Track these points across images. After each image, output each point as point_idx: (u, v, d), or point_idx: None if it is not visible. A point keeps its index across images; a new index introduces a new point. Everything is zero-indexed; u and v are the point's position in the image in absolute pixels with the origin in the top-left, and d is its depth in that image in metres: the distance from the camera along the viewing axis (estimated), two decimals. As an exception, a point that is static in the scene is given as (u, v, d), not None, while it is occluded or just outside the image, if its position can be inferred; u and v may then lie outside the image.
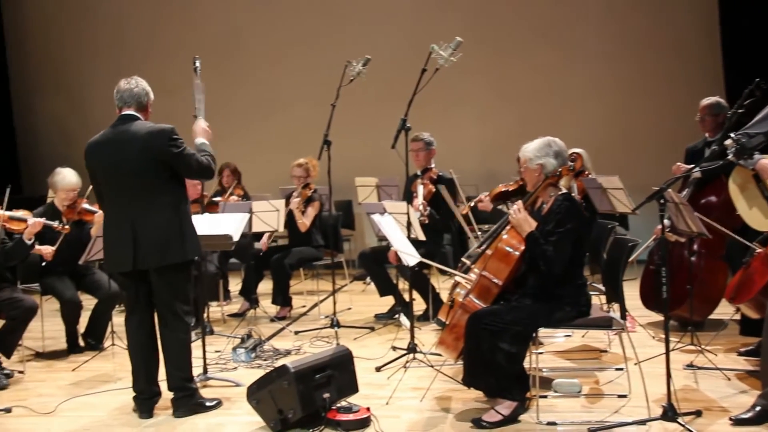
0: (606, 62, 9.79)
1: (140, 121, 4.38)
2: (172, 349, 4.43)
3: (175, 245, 4.31)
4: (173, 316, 4.40)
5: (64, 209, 5.89)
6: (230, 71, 10.15)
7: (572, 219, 4.10)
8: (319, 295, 7.62)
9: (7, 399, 4.87)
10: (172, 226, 4.31)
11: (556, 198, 4.20)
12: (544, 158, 4.22)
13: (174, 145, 4.28)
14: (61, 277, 5.89)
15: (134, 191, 4.31)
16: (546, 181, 4.23)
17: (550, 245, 4.05)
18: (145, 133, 4.29)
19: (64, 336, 6.02)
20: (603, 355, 5.44)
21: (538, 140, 4.30)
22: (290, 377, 4.03)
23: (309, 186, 7.18)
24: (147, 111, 4.47)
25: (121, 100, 4.42)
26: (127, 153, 4.27)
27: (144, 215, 4.30)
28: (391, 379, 4.94)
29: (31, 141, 10.96)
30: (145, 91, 4.45)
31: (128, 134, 4.30)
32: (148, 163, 4.26)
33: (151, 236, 4.29)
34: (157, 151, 4.26)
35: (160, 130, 4.30)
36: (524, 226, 4.15)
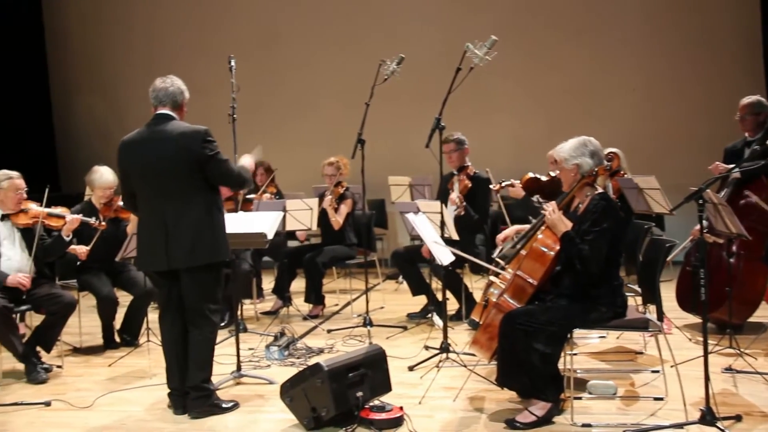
0: (640, 61, 9.66)
1: (176, 121, 4.40)
2: (195, 349, 4.45)
3: (206, 246, 4.33)
4: (200, 316, 4.42)
5: (101, 207, 5.98)
6: (264, 70, 10.21)
7: (608, 218, 4.05)
8: (352, 294, 7.63)
9: (47, 393, 4.95)
10: (204, 227, 4.33)
11: (593, 197, 4.16)
12: (580, 158, 4.18)
13: (207, 147, 4.30)
14: (98, 273, 5.97)
15: (168, 191, 4.33)
16: (582, 180, 4.19)
17: (586, 244, 4.01)
18: (180, 133, 4.31)
19: (100, 332, 6.10)
20: (638, 357, 5.37)
21: (574, 140, 4.26)
22: (324, 375, 4.04)
23: (341, 184, 7.19)
24: (182, 110, 4.48)
25: (156, 98, 4.44)
26: (162, 153, 4.29)
27: (177, 215, 4.31)
28: (423, 379, 4.93)
29: (69, 140, 11.13)
30: (180, 90, 4.46)
31: (163, 134, 4.33)
32: (183, 163, 4.28)
33: (183, 236, 4.30)
34: (192, 152, 4.27)
35: (195, 131, 4.31)
36: (559, 225, 4.11)
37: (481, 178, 6.57)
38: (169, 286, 4.47)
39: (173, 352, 4.50)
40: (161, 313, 4.55)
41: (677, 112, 9.55)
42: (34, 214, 5.42)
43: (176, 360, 4.49)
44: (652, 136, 9.40)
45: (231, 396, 4.69)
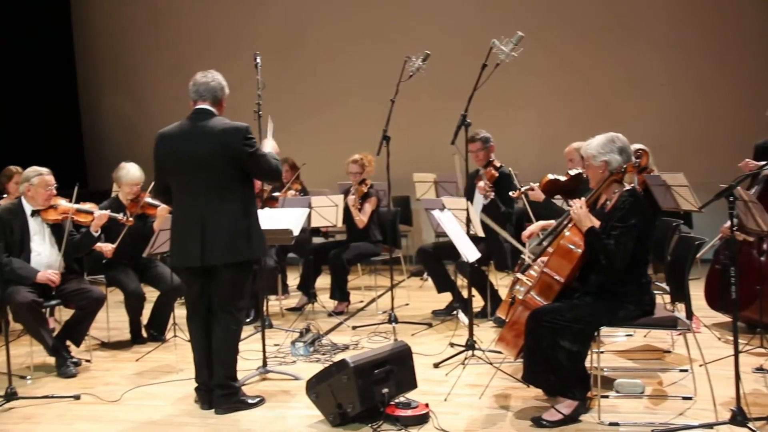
0: (668, 58, 9.56)
1: (216, 117, 4.38)
2: (220, 346, 4.46)
3: (241, 243, 4.33)
4: (228, 314, 4.43)
5: (128, 203, 6.03)
6: (289, 67, 10.24)
7: (636, 215, 4.02)
8: (377, 291, 7.64)
9: (76, 386, 5.01)
10: (240, 224, 4.33)
11: (621, 194, 4.13)
12: (608, 154, 4.15)
13: (248, 144, 4.29)
14: (125, 269, 6.02)
15: (205, 187, 4.31)
16: (610, 177, 4.15)
17: (612, 239, 3.98)
18: (221, 130, 4.29)
19: (128, 327, 6.16)
20: (666, 356, 5.33)
21: (601, 136, 4.23)
22: (350, 371, 4.05)
23: (365, 182, 7.19)
24: (221, 105, 4.46)
25: (196, 93, 4.41)
26: (201, 148, 4.28)
27: (213, 211, 4.30)
28: (449, 376, 4.93)
29: (96, 137, 11.25)
30: (221, 86, 4.44)
31: (204, 129, 4.31)
32: (222, 160, 4.27)
33: (219, 233, 4.29)
34: (232, 149, 4.26)
35: (236, 129, 4.30)
36: (585, 221, 4.09)
37: (506, 172, 6.56)
38: (200, 285, 4.47)
39: (202, 350, 4.51)
40: (189, 313, 4.55)
41: (706, 109, 9.45)
42: (64, 210, 5.49)
43: (204, 356, 4.51)
44: (679, 134, 9.32)
45: (257, 391, 4.72)
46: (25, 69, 9.57)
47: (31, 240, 5.40)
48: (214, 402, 4.49)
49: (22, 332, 5.79)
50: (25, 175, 5.47)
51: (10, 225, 5.34)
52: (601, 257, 4.00)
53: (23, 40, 9.63)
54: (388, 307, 6.39)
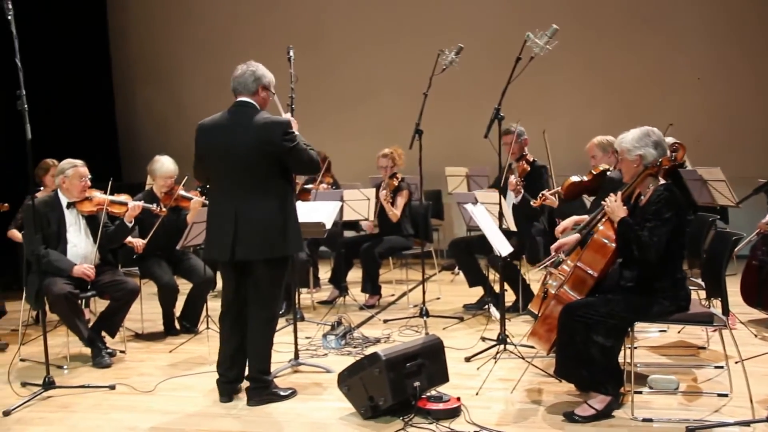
0: (709, 48, 9.43)
1: (256, 111, 4.36)
2: (253, 340, 4.48)
3: (276, 240, 4.31)
4: (262, 310, 4.45)
5: (162, 196, 6.10)
6: (322, 60, 10.27)
7: (671, 209, 3.97)
8: (408, 285, 7.65)
9: (111, 377, 5.10)
10: (276, 220, 4.31)
11: (656, 189, 4.08)
12: (643, 148, 4.11)
13: (288, 139, 4.28)
14: (159, 262, 6.09)
15: (242, 180, 4.32)
16: (645, 172, 4.11)
17: (646, 231, 3.94)
18: (261, 124, 4.29)
19: (161, 318, 6.24)
20: (701, 352, 5.28)
21: (636, 130, 4.18)
22: (382, 365, 4.06)
23: (396, 176, 7.19)
24: (258, 95, 4.41)
25: (234, 88, 4.43)
26: (240, 141, 4.28)
27: (248, 206, 4.30)
28: (480, 370, 4.93)
29: (130, 130, 11.38)
30: (253, 76, 4.40)
31: (243, 122, 4.31)
32: (260, 154, 4.26)
33: (253, 228, 4.29)
34: (271, 144, 4.26)
35: (276, 123, 4.30)
36: (618, 212, 4.06)
37: (538, 165, 6.53)
38: (236, 280, 4.49)
39: (228, 343, 4.55)
40: (223, 310, 4.57)
41: (744, 102, 9.31)
42: (98, 202, 5.57)
43: (230, 351, 4.54)
44: (717, 127, 9.19)
45: (288, 384, 4.76)
46: (60, 64, 9.70)
47: (68, 231, 5.49)
48: (247, 394, 4.53)
49: (59, 323, 5.89)
50: (60, 168, 5.56)
51: (47, 217, 5.44)
52: (634, 248, 3.96)
53: (59, 35, 9.76)
54: (420, 301, 6.40)
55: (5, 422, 4.33)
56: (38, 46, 8.74)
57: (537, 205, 6.07)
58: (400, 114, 7.62)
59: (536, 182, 6.40)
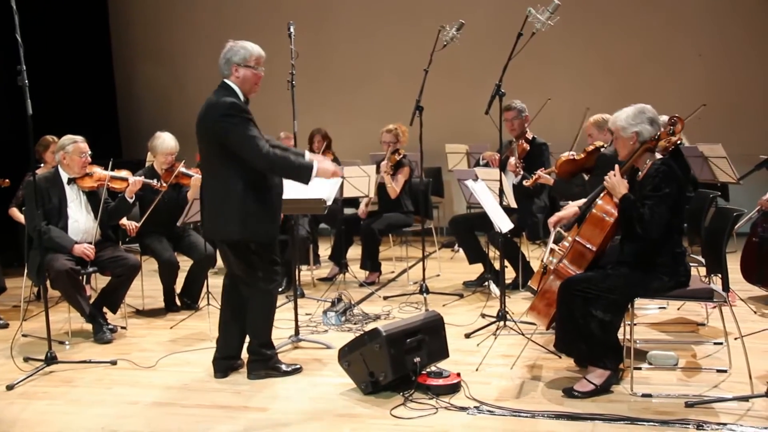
0: (710, 24, 9.38)
1: (223, 92, 4.28)
2: (249, 314, 4.52)
3: (221, 222, 4.29)
4: (247, 286, 4.46)
5: (163, 173, 6.08)
6: (323, 37, 10.22)
7: (670, 183, 3.97)
8: (408, 262, 7.66)
9: (113, 352, 5.12)
10: (223, 203, 4.25)
11: (654, 163, 4.08)
12: (639, 125, 4.10)
13: (225, 121, 4.15)
14: (159, 238, 6.10)
15: (204, 161, 4.41)
16: (644, 146, 4.10)
17: (647, 208, 3.95)
18: (207, 105, 4.27)
19: (161, 295, 6.26)
20: (700, 329, 5.30)
21: (629, 108, 4.18)
22: (382, 340, 4.08)
23: (398, 152, 7.18)
24: (234, 76, 4.30)
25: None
26: (198, 121, 4.30)
27: (206, 186, 4.39)
28: (480, 346, 4.95)
29: (131, 107, 11.33)
30: (224, 59, 4.31)
31: (205, 104, 4.31)
32: (204, 135, 4.28)
33: (209, 209, 4.39)
34: (209, 125, 4.22)
35: (213, 105, 4.22)
36: (619, 188, 4.07)
37: (539, 142, 6.51)
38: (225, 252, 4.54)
39: (224, 313, 4.61)
40: (224, 278, 4.65)
41: (746, 79, 9.27)
42: (99, 177, 5.57)
43: (224, 324, 4.59)
44: (718, 104, 9.14)
45: (290, 360, 4.78)
46: (59, 39, 9.63)
47: (69, 207, 5.50)
48: (247, 367, 4.57)
49: (60, 299, 5.90)
50: (61, 144, 5.56)
51: (48, 193, 5.44)
52: (636, 225, 3.97)
53: (59, 10, 9.69)
54: (420, 278, 6.41)
55: (9, 396, 4.37)
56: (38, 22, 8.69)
57: (530, 185, 6.06)
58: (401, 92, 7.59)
59: (537, 160, 6.40)
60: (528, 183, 6.06)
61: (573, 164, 5.76)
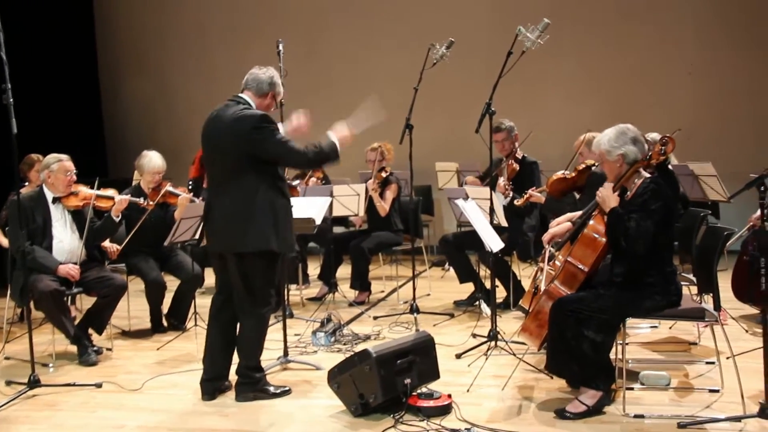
0: (700, 42, 9.47)
1: (241, 105, 4.38)
2: (240, 335, 4.51)
3: (236, 234, 4.31)
4: (243, 303, 4.45)
5: (150, 192, 6.07)
6: (312, 53, 10.22)
7: (658, 200, 3.98)
8: (398, 281, 7.65)
9: (98, 375, 5.07)
10: (238, 215, 4.30)
11: (642, 182, 4.09)
12: (623, 147, 4.10)
13: (258, 132, 4.26)
14: (146, 258, 6.07)
15: (216, 173, 4.44)
16: (635, 166, 4.11)
17: (632, 221, 3.95)
18: (234, 118, 4.31)
19: (148, 316, 6.22)
20: (692, 348, 5.31)
21: (611, 130, 4.18)
22: (372, 362, 4.06)
23: (384, 170, 7.19)
24: (265, 99, 4.46)
25: (245, 82, 4.47)
26: (217, 133, 4.35)
27: (218, 198, 4.40)
28: (471, 367, 4.94)
29: (117, 124, 11.29)
30: (271, 81, 4.46)
31: (225, 115, 4.35)
32: (229, 147, 4.30)
33: (217, 221, 4.40)
34: (239, 138, 4.27)
35: (247, 116, 4.31)
36: (609, 201, 4.07)
37: (529, 161, 6.53)
38: (219, 267, 4.53)
39: (213, 334, 4.56)
40: (215, 294, 4.61)
41: (736, 97, 9.35)
42: (84, 197, 5.55)
43: (210, 343, 4.56)
44: (708, 122, 9.23)
45: (278, 381, 4.75)
46: (45, 55, 9.59)
47: (53, 227, 5.46)
48: (235, 389, 4.54)
49: (44, 320, 5.86)
50: (45, 162, 5.53)
51: (32, 213, 5.41)
52: (621, 239, 3.97)
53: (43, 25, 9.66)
54: (410, 298, 6.41)
55: (-10, 421, 4.32)
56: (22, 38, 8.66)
57: (522, 204, 6.07)
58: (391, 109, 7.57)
59: (527, 179, 6.41)
60: (519, 202, 6.08)
61: (564, 183, 5.79)
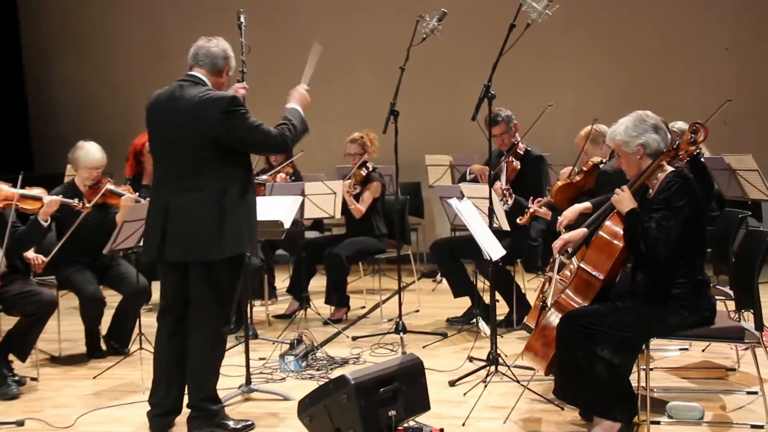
0: (738, 13, 9.54)
1: (201, 86, 4.38)
2: (193, 360, 4.48)
3: (208, 239, 4.30)
4: (202, 322, 4.43)
5: (86, 190, 6.05)
6: (280, 28, 10.23)
7: (684, 198, 4.02)
8: (382, 295, 7.67)
9: (19, 410, 5.04)
10: (210, 216, 4.30)
11: (666, 176, 4.14)
12: (643, 136, 4.15)
13: (230, 117, 4.27)
14: (81, 269, 6.04)
15: (177, 167, 4.36)
16: (655, 162, 4.15)
17: (653, 222, 4.00)
18: (198, 101, 4.29)
19: (83, 338, 6.19)
20: (730, 375, 5.35)
21: (626, 118, 4.24)
22: (350, 390, 4.07)
23: (366, 165, 7.20)
24: (220, 77, 4.48)
25: (194, 58, 4.46)
26: (176, 121, 4.31)
27: (180, 198, 4.33)
28: (467, 396, 4.97)
29: (46, 110, 11.26)
30: (224, 54, 4.47)
31: (183, 99, 4.33)
32: (196, 137, 4.28)
33: (182, 224, 4.32)
34: (207, 125, 4.26)
35: (216, 99, 4.30)
36: (626, 202, 4.12)
37: (533, 155, 6.57)
38: (175, 280, 4.49)
39: (164, 360, 4.53)
40: (161, 312, 4.58)
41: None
42: (6, 196, 5.49)
43: (165, 371, 4.52)
44: (748, 107, 9.29)
45: (239, 415, 4.76)
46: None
47: (-33, 233, 5.44)
48: (187, 423, 4.52)
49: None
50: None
51: (-58, 216, 5.38)
52: (641, 243, 4.01)
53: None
54: (395, 315, 6.44)
55: None
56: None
57: (525, 222, 6.08)
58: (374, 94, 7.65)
59: (532, 179, 6.44)
60: (522, 221, 6.06)
61: (570, 189, 5.83)
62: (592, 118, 6.11)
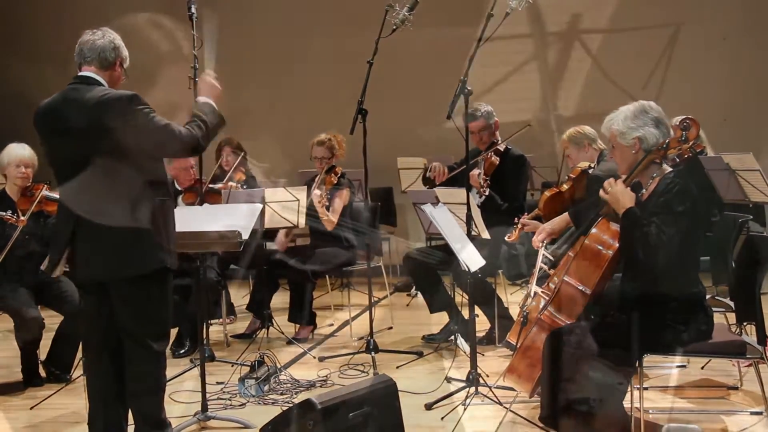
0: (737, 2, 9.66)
1: (97, 87, 4.29)
2: (133, 387, 4.42)
3: (125, 254, 4.26)
4: (135, 344, 4.38)
5: (18, 198, 6.00)
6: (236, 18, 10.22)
7: (685, 202, 4.06)
8: (351, 311, 7.68)
9: (-52, 445, 5.03)
10: (123, 228, 4.21)
11: (664, 177, 4.18)
12: (641, 129, 4.19)
13: (132, 117, 4.17)
14: (15, 288, 5.99)
15: (80, 178, 4.25)
16: (648, 157, 4.19)
17: (653, 227, 4.01)
18: (95, 103, 4.20)
19: (18, 364, 6.14)
20: (732, 394, 5.39)
21: (628, 107, 4.27)
22: (317, 416, 4.08)
23: (335, 170, 7.21)
24: (114, 70, 4.38)
25: (80, 55, 4.37)
26: (73, 127, 4.21)
27: (87, 211, 4.24)
28: (446, 420, 4.99)
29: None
30: (112, 45, 4.36)
31: (78, 103, 4.24)
32: (98, 144, 4.19)
33: (92, 240, 4.26)
34: (109, 129, 4.15)
35: (114, 99, 4.21)
36: (623, 200, 4.14)
37: (514, 154, 6.62)
38: (97, 302, 4.40)
39: (99, 393, 4.46)
40: (85, 341, 4.55)
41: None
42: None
43: (102, 405, 4.44)
44: (749, 103, 9.40)
45: (194, 445, 4.75)
46: None
47: None
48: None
49: None
50: None
51: None
52: (638, 249, 4.04)
53: None
54: (366, 333, 6.45)
55: None
56: None
57: (515, 239, 6.09)
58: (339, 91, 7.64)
59: (509, 176, 6.49)
60: (511, 238, 6.05)
61: (559, 199, 5.87)
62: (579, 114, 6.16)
